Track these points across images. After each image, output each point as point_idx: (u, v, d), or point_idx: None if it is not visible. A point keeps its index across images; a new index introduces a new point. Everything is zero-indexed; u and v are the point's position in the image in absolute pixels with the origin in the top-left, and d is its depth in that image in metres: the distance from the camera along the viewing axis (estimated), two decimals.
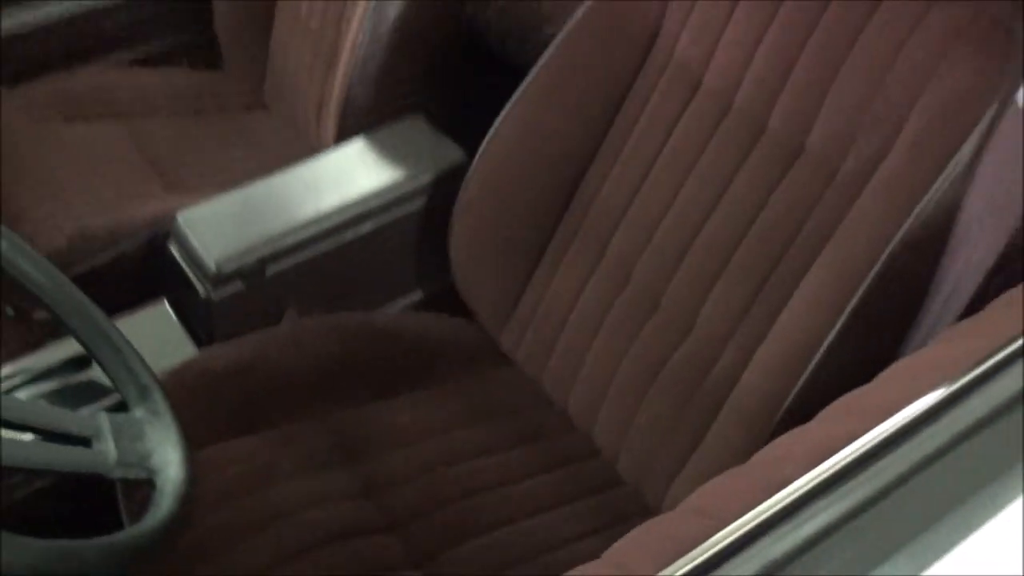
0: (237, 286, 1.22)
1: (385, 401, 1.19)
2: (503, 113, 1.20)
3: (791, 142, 1.02)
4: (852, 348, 0.93)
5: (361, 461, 1.11)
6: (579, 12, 1.16)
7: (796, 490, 0.51)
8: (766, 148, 1.04)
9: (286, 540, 0.99)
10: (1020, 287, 0.70)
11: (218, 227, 1.24)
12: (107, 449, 0.76)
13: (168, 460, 0.78)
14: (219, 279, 1.20)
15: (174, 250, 1.26)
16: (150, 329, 1.25)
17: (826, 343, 0.92)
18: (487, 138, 1.21)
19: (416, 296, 1.42)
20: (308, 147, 1.60)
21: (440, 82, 1.56)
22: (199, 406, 1.09)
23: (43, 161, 1.49)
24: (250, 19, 1.72)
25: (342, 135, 1.46)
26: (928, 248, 0.91)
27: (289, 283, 1.26)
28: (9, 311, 1.44)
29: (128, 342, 0.89)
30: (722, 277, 1.05)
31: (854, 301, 0.91)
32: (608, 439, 1.14)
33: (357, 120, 1.45)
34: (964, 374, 0.56)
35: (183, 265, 1.25)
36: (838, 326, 0.91)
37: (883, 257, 0.89)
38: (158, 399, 0.83)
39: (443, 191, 1.32)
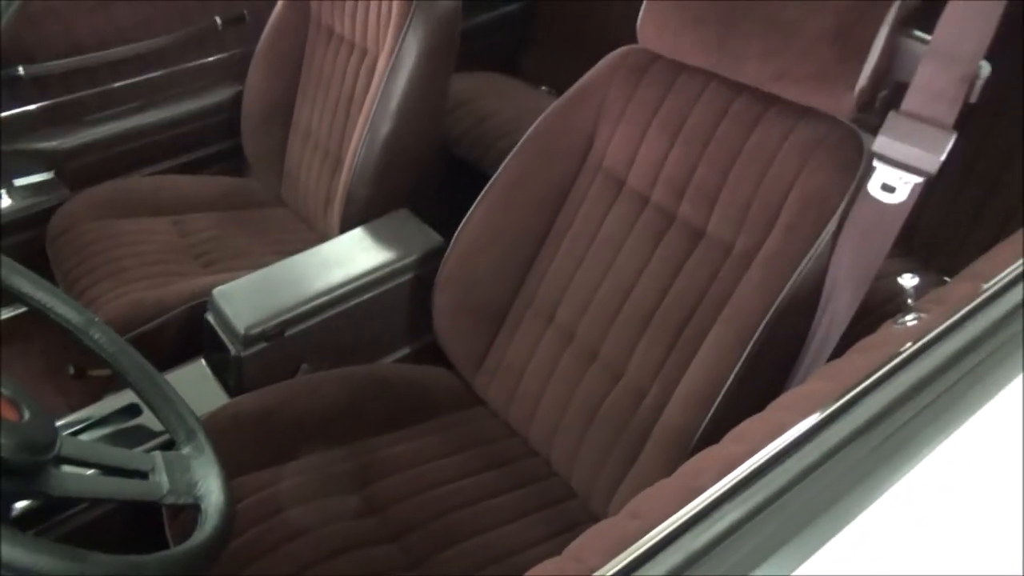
0: (261, 346, 1.20)
1: (384, 436, 1.16)
2: (473, 207, 1.21)
3: (695, 228, 1.04)
4: (748, 386, 0.94)
5: (366, 485, 1.08)
6: (530, 130, 1.19)
7: (708, 497, 0.52)
8: (676, 232, 1.06)
9: (304, 553, 0.97)
10: (872, 336, 0.72)
11: (246, 299, 1.22)
12: (161, 480, 0.75)
13: (211, 488, 0.77)
14: (247, 340, 1.18)
15: (211, 318, 1.24)
16: (190, 382, 1.22)
17: (728, 383, 0.93)
18: (460, 226, 1.22)
19: (406, 350, 1.40)
20: (317, 236, 1.60)
21: (423, 183, 1.56)
22: (230, 444, 1.06)
23: (104, 250, 1.47)
24: (270, 134, 1.71)
25: (345, 225, 1.45)
26: (803, 307, 0.93)
27: (304, 343, 1.24)
28: (71, 369, 1.41)
29: (176, 392, 0.88)
30: (646, 333, 1.06)
31: (747, 350, 0.92)
32: (562, 462, 1.13)
33: (357, 213, 1.45)
34: (832, 404, 0.58)
35: (218, 330, 1.23)
36: (736, 369, 0.92)
37: (768, 316, 0.91)
38: (201, 439, 0.82)
39: (426, 269, 1.32)
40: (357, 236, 1.38)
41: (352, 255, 1.32)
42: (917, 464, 0.54)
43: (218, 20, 1.78)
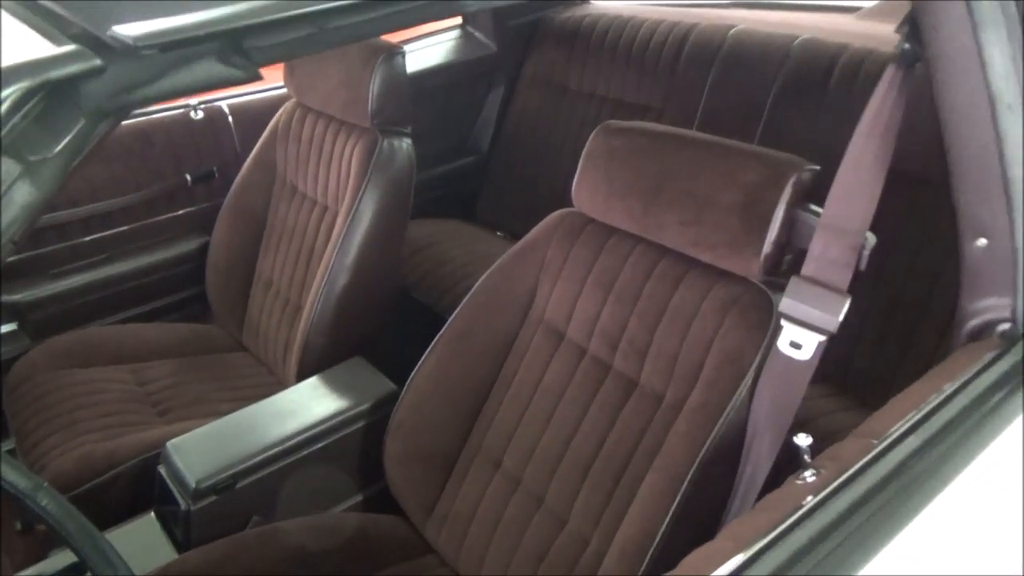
0: (212, 499, 1.21)
1: None
2: (423, 358, 1.27)
3: (629, 379, 1.11)
4: (681, 535, 0.97)
5: None
6: (477, 284, 1.28)
7: None
8: (612, 383, 1.13)
9: None
10: (775, 493, 0.76)
11: (199, 451, 1.25)
12: None
13: None
14: (197, 494, 1.20)
15: (163, 471, 1.26)
16: (139, 537, 1.23)
17: (660, 532, 0.96)
18: (411, 376, 1.27)
19: (359, 497, 1.41)
20: (276, 380, 1.64)
21: (380, 329, 1.63)
22: None
23: (60, 400, 1.50)
24: (233, 282, 1.79)
25: (301, 372, 1.50)
26: (727, 455, 0.98)
27: (255, 494, 1.26)
28: (17, 525, 1.40)
29: (119, 556, 0.89)
30: (587, 480, 1.11)
31: (677, 499, 0.96)
32: None
33: (314, 361, 1.50)
34: (732, 563, 0.63)
35: (169, 483, 1.24)
36: (667, 519, 0.96)
37: (695, 466, 0.96)
38: None
39: (378, 416, 1.36)
40: (311, 385, 1.43)
41: (306, 404, 1.36)
42: None
43: (188, 177, 1.89)
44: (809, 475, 0.73)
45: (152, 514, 1.28)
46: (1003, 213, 0.87)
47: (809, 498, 0.69)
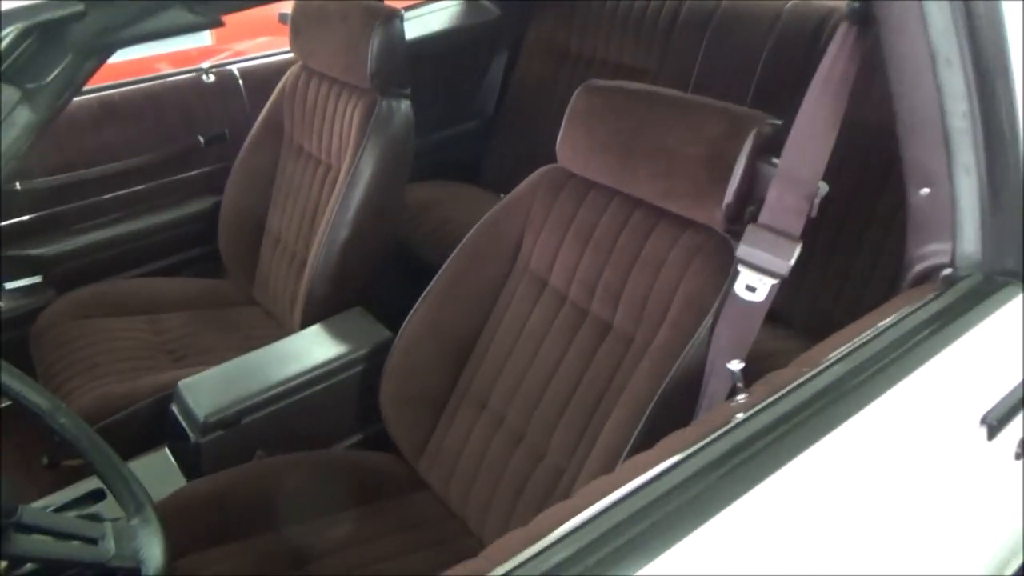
0: (219, 433, 1.32)
1: (329, 518, 1.26)
2: (416, 305, 1.36)
3: (604, 322, 1.19)
4: None
5: (304, 564, 1.17)
6: (466, 237, 1.35)
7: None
8: (589, 326, 1.21)
9: None
10: (711, 412, 0.84)
11: (208, 390, 1.36)
12: (109, 546, 0.86)
13: (154, 554, 0.87)
14: (206, 428, 1.31)
15: (175, 408, 1.37)
16: (153, 468, 1.33)
17: (623, 457, 1.04)
18: (405, 322, 1.36)
19: (358, 437, 1.51)
20: (284, 332, 1.73)
21: (380, 282, 1.72)
22: (181, 524, 1.16)
23: (81, 347, 1.61)
24: (244, 239, 1.89)
25: (305, 322, 1.59)
26: (687, 390, 1.06)
27: (259, 430, 1.36)
28: (44, 460, 1.52)
29: (128, 468, 0.98)
30: (563, 417, 1.19)
31: (639, 428, 1.04)
32: (492, 540, 1.21)
33: (316, 311, 1.60)
34: (684, 451, 0.71)
35: (180, 419, 1.35)
36: (629, 445, 1.04)
37: (655, 400, 1.04)
38: (149, 511, 0.92)
39: (375, 361, 1.45)
40: (313, 332, 1.52)
41: (308, 350, 1.46)
42: (723, 513, 0.67)
43: (201, 139, 1.98)
44: (741, 397, 0.80)
45: (166, 448, 1.38)
46: (943, 163, 0.93)
47: (739, 415, 0.77)
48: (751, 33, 1.81)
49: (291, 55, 1.88)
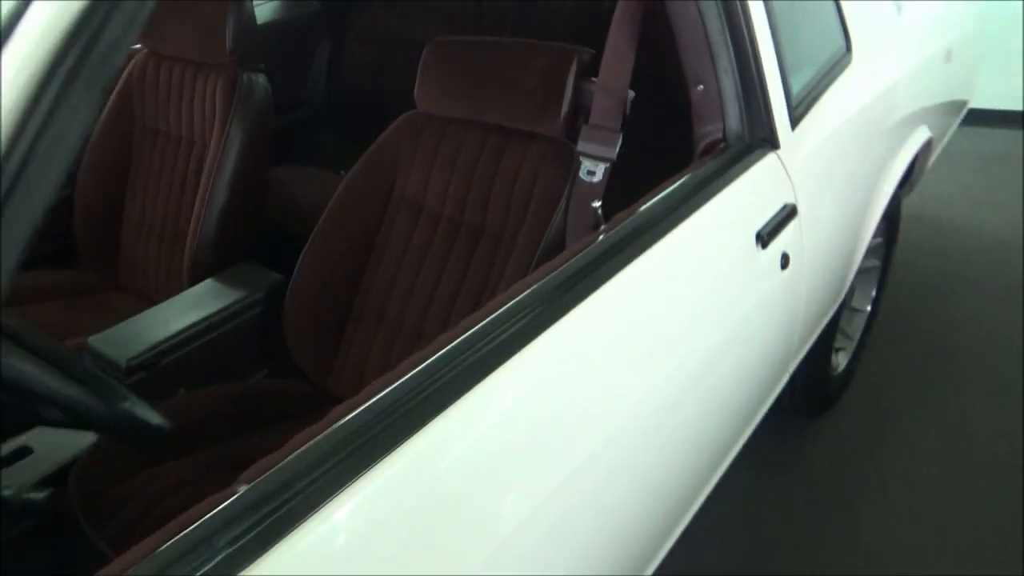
0: (142, 375, 1.44)
1: (257, 434, 1.43)
2: (308, 243, 1.56)
3: (476, 227, 1.48)
4: None
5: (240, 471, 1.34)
6: (345, 179, 1.58)
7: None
8: (465, 234, 1.49)
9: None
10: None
11: (121, 340, 1.47)
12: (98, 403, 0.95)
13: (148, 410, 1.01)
14: (129, 371, 1.43)
15: (90, 363, 1.47)
16: None
17: None
18: (300, 258, 1.55)
19: (264, 372, 1.67)
20: None
21: (257, 240, 1.88)
22: (124, 454, 1.29)
23: None
24: (104, 229, 1.96)
25: (193, 284, 1.72)
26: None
27: (178, 371, 1.49)
28: None
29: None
30: (452, 313, 1.46)
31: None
32: None
33: (204, 273, 1.73)
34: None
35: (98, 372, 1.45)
36: None
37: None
38: (134, 397, 1.03)
39: (273, 302, 1.63)
40: (210, 283, 1.68)
41: (210, 297, 1.62)
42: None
43: None
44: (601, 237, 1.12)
45: None
46: (710, 67, 1.32)
47: (600, 237, 1.09)
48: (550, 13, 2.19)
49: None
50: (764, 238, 1.27)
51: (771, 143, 1.38)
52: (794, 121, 1.43)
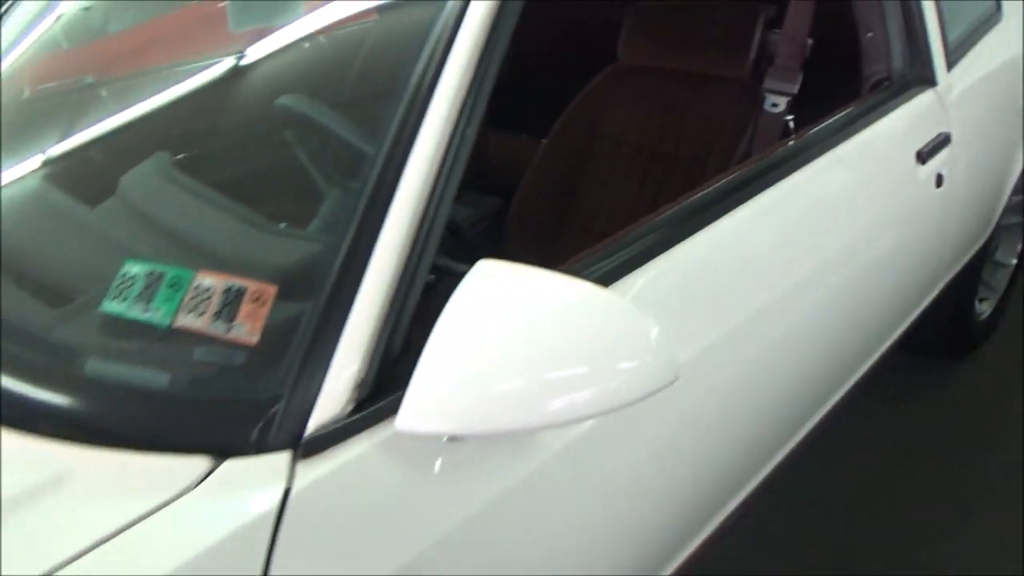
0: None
1: None
2: (525, 175, 1.94)
3: (671, 155, 1.82)
4: None
5: None
6: (557, 122, 1.95)
7: None
8: (661, 161, 1.84)
9: None
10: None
11: None
12: None
13: None
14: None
15: None
16: None
17: None
18: (519, 188, 1.94)
19: None
20: None
21: None
22: None
23: None
24: None
25: None
26: None
27: None
28: None
29: None
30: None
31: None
32: None
33: None
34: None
35: None
36: None
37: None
38: None
39: (493, 220, 2.03)
40: None
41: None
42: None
43: None
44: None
45: None
46: (879, 16, 1.61)
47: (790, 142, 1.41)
48: None
49: None
50: (923, 156, 1.55)
51: (930, 82, 1.66)
52: (950, 64, 1.70)
